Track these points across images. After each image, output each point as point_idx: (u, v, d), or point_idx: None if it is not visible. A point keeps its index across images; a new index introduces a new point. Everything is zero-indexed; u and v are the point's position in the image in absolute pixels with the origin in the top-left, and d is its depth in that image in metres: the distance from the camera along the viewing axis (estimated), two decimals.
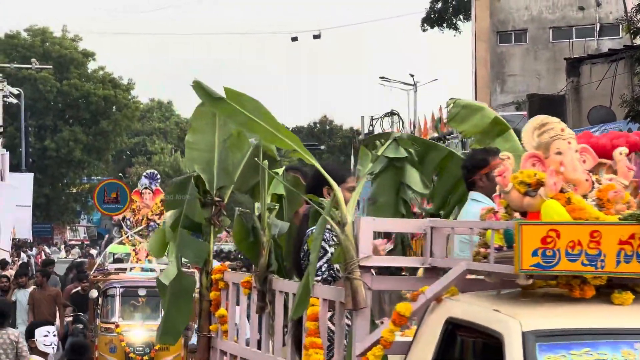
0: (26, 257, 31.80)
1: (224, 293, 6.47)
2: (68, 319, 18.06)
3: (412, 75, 50.62)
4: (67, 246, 54.02)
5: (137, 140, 75.82)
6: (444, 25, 51.47)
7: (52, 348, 10.07)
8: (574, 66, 27.71)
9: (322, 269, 5.50)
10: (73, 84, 59.54)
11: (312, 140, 64.24)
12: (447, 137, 31.96)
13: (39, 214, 55.81)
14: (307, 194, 5.57)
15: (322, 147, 64.29)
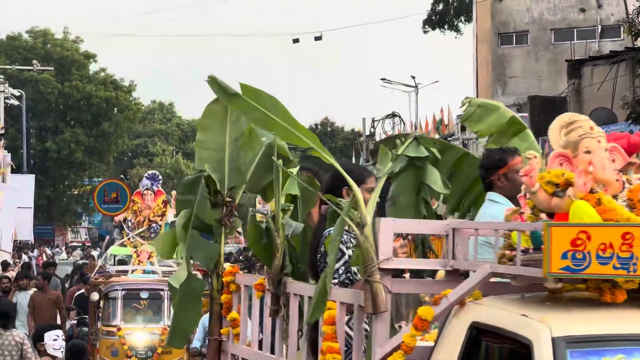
0: (27, 259, 31.68)
1: (235, 296, 6.32)
2: (73, 321, 17.89)
3: (413, 77, 50.80)
4: (68, 248, 53.88)
5: (138, 141, 75.65)
6: (445, 27, 51.40)
7: (61, 352, 10.11)
8: (575, 68, 27.66)
9: (339, 271, 5.35)
10: (74, 85, 59.48)
11: None
12: (448, 139, 31.84)
13: (41, 215, 55.71)
14: (326, 194, 5.40)
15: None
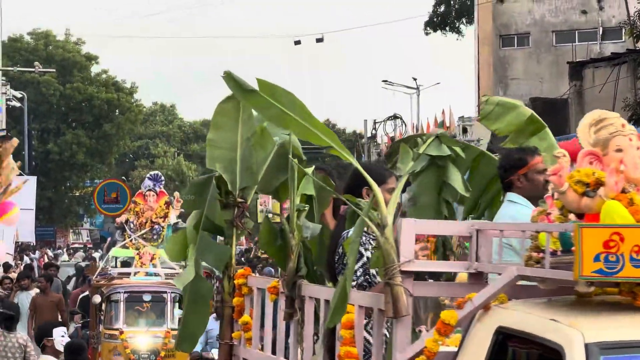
0: (29, 260, 31.57)
1: (247, 299, 6.16)
2: (77, 325, 17.71)
3: (414, 79, 50.80)
4: (69, 249, 53.78)
5: (140, 143, 75.60)
6: (447, 28, 51.35)
7: None
8: (576, 70, 27.55)
9: (357, 273, 5.17)
10: (76, 87, 59.43)
11: None
12: None
13: (42, 217, 55.62)
14: (345, 194, 5.23)
15: (325, 150, 64.01)
